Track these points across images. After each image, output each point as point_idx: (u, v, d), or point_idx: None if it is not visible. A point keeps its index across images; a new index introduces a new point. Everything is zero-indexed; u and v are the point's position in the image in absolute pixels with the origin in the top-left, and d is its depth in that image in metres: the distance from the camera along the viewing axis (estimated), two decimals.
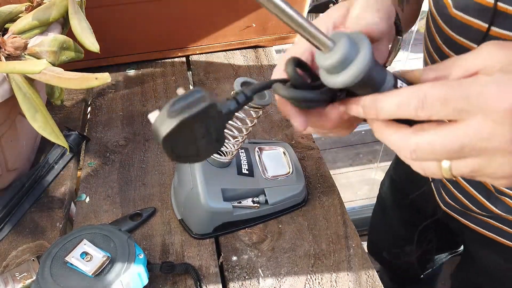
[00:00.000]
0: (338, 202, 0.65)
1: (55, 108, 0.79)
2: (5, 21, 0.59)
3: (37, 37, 0.57)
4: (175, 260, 0.58)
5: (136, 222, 0.61)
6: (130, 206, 0.64)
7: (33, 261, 0.55)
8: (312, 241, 0.60)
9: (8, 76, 0.51)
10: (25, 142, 0.64)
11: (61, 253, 0.49)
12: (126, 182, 0.68)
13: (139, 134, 0.76)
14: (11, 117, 0.57)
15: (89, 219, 0.63)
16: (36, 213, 0.63)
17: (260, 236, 0.60)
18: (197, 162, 0.40)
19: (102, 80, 0.50)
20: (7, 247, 0.59)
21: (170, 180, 0.68)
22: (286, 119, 0.32)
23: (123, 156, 0.72)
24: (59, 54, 0.57)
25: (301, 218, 0.63)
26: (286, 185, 0.62)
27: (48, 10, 0.58)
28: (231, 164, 0.60)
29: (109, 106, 0.81)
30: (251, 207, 0.60)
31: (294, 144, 0.73)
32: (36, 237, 0.60)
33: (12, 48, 0.52)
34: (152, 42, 0.89)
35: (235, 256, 0.58)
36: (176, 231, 0.61)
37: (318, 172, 0.69)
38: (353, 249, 0.59)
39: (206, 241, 0.60)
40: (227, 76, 0.88)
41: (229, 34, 0.91)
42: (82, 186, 0.67)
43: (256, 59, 0.92)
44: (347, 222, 0.62)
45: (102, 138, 0.75)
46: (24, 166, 0.67)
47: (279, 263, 0.57)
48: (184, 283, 0.55)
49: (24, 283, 0.53)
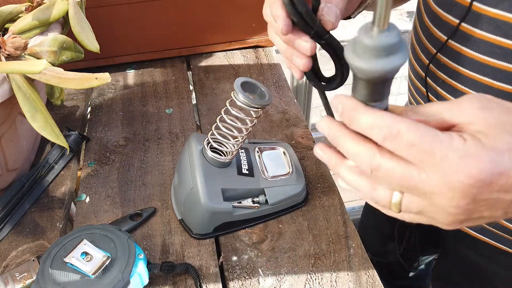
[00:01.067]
0: (338, 202, 0.65)
1: (55, 108, 0.80)
2: (5, 21, 0.59)
3: (37, 37, 0.57)
4: (175, 260, 0.58)
5: (136, 222, 0.61)
6: (130, 206, 0.64)
7: (33, 261, 0.55)
8: (312, 241, 0.60)
9: (8, 76, 0.51)
10: (25, 142, 0.64)
11: (61, 253, 0.49)
12: (126, 182, 0.68)
13: (139, 134, 0.76)
14: (11, 117, 0.57)
15: (89, 219, 0.63)
16: (36, 213, 0.63)
17: (260, 236, 0.60)
18: None
19: (102, 80, 0.50)
20: (7, 247, 0.59)
21: (170, 180, 0.68)
22: (272, 20, 0.37)
23: (123, 156, 0.72)
24: (59, 54, 0.57)
25: (301, 218, 0.63)
26: (286, 185, 0.62)
27: (48, 10, 0.58)
28: (231, 164, 0.60)
29: (109, 106, 0.81)
30: (251, 207, 0.60)
31: (294, 144, 0.73)
32: (36, 237, 0.60)
33: (12, 48, 0.52)
34: (152, 42, 0.89)
35: (235, 256, 0.58)
36: (176, 231, 0.61)
37: (318, 172, 0.69)
38: (353, 249, 0.59)
39: (206, 241, 0.60)
40: (227, 76, 0.88)
41: (229, 34, 0.91)
42: (82, 186, 0.67)
43: (256, 59, 0.92)
44: (347, 222, 0.62)
45: (102, 138, 0.75)
46: (24, 166, 0.67)
47: (279, 263, 0.57)
48: (184, 283, 0.55)
49: (24, 283, 0.53)
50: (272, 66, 0.90)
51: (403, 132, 0.28)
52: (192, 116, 0.79)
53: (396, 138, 0.29)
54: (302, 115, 0.79)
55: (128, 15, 0.83)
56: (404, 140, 0.28)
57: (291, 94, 0.83)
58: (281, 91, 0.84)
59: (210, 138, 0.59)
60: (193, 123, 0.78)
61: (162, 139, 0.75)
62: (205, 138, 0.59)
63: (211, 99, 0.83)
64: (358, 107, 0.30)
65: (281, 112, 0.79)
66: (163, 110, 0.80)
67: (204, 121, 0.79)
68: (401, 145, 0.29)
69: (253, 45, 0.94)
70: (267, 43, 0.94)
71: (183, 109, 0.80)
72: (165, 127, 0.77)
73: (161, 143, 0.74)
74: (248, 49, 0.94)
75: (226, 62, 0.91)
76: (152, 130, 0.76)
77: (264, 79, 0.87)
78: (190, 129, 0.77)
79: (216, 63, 0.91)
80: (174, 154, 0.72)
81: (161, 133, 0.76)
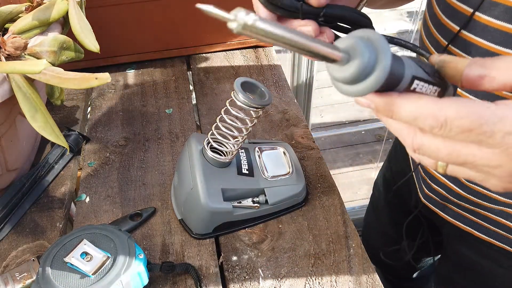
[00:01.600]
0: (338, 202, 0.65)
1: (55, 108, 0.80)
2: (5, 21, 0.59)
3: (37, 37, 0.57)
4: (175, 260, 0.58)
5: (136, 222, 0.61)
6: (130, 206, 0.64)
7: (33, 261, 0.55)
8: (312, 241, 0.60)
9: (8, 76, 0.51)
10: (25, 142, 0.64)
11: (61, 253, 0.49)
12: (126, 182, 0.68)
13: (139, 134, 0.76)
14: (11, 117, 0.57)
15: (89, 219, 0.63)
16: (36, 213, 0.63)
17: (260, 236, 0.60)
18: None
19: (102, 80, 0.50)
20: (7, 247, 0.59)
21: (170, 180, 0.68)
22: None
23: (123, 156, 0.72)
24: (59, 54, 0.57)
25: (301, 218, 0.63)
26: (286, 185, 0.62)
27: (48, 10, 0.58)
28: (231, 164, 0.60)
29: (109, 106, 0.81)
30: (251, 207, 0.60)
31: (294, 144, 0.73)
32: (36, 237, 0.60)
33: (12, 48, 0.52)
34: (152, 42, 0.89)
35: (235, 256, 0.58)
36: (176, 231, 0.61)
37: (318, 172, 0.69)
38: (353, 249, 0.59)
39: (206, 241, 0.60)
40: (227, 76, 0.88)
41: (229, 34, 0.91)
42: (82, 186, 0.67)
43: (256, 59, 0.92)
44: (347, 222, 0.62)
45: (102, 138, 0.75)
46: (24, 166, 0.67)
47: (279, 263, 0.57)
48: (184, 283, 0.55)
49: (24, 283, 0.53)
50: (272, 66, 0.90)
51: (452, 119, 0.26)
52: (192, 116, 0.79)
53: (445, 127, 0.27)
54: (302, 115, 0.79)
55: (128, 15, 0.83)
56: (455, 126, 0.26)
57: (291, 94, 0.83)
58: (281, 91, 0.84)
59: (210, 138, 0.59)
60: (193, 123, 0.78)
61: (162, 139, 0.75)
62: (205, 138, 0.60)
63: (211, 99, 0.83)
64: (391, 101, 0.28)
65: (281, 112, 0.79)
66: (163, 110, 0.80)
67: (204, 121, 0.79)
68: (452, 131, 0.27)
69: (253, 45, 0.94)
70: (267, 43, 0.94)
71: (183, 109, 0.80)
72: (165, 127, 0.77)
73: (161, 143, 0.74)
74: (248, 49, 0.94)
75: (226, 62, 0.91)
76: (152, 130, 0.76)
77: (264, 79, 0.87)
78: (190, 129, 0.77)
79: (216, 63, 0.91)
80: (174, 154, 0.72)
81: (161, 133, 0.76)
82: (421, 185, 0.70)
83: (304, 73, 1.20)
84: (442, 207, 0.68)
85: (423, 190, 0.70)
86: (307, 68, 1.19)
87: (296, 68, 1.19)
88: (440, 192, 0.65)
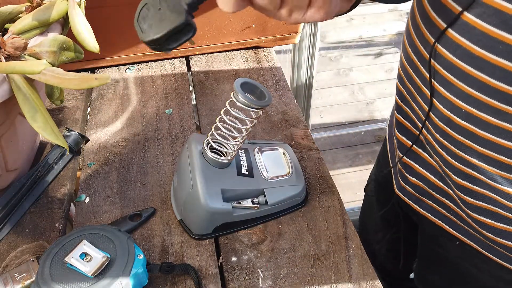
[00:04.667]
0: (337, 202, 0.65)
1: (55, 108, 0.80)
2: (5, 21, 0.59)
3: (37, 38, 0.57)
4: (174, 260, 0.58)
5: (136, 223, 0.61)
6: (130, 206, 0.64)
7: (33, 262, 0.55)
8: (312, 241, 0.60)
9: (8, 76, 0.51)
10: (25, 142, 0.64)
11: (61, 254, 0.49)
12: (125, 182, 0.68)
13: (139, 134, 0.76)
14: (11, 117, 0.57)
15: (89, 219, 0.63)
16: (35, 213, 0.63)
17: (260, 237, 0.60)
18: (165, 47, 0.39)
19: (102, 80, 0.50)
20: (7, 248, 0.59)
21: (170, 180, 0.68)
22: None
23: (123, 157, 0.72)
24: (59, 55, 0.57)
25: (300, 219, 0.63)
26: (285, 186, 0.62)
27: (48, 10, 0.58)
28: (231, 164, 0.60)
29: (109, 106, 0.81)
30: (250, 207, 0.60)
31: (294, 145, 0.73)
32: (36, 238, 0.60)
33: (12, 49, 0.52)
34: None
35: (235, 257, 0.58)
36: (176, 232, 0.61)
37: (318, 172, 0.69)
38: (352, 249, 0.59)
39: (206, 241, 0.60)
40: (227, 77, 0.88)
41: (229, 34, 0.91)
42: (81, 187, 0.67)
43: (256, 59, 0.92)
44: (347, 222, 0.62)
45: (102, 138, 0.75)
46: (24, 166, 0.67)
47: (279, 264, 0.57)
48: (184, 284, 0.55)
49: (23, 283, 0.53)
50: (272, 66, 0.90)
51: None
52: (191, 116, 0.79)
53: None
54: (301, 116, 0.79)
55: (128, 15, 0.83)
56: None
57: (290, 94, 0.83)
58: (280, 92, 0.84)
59: (210, 139, 0.59)
60: (192, 124, 0.78)
61: (162, 140, 0.75)
62: (205, 139, 0.60)
63: (210, 100, 0.83)
64: None
65: (280, 112, 0.79)
66: (162, 110, 0.80)
67: (203, 121, 0.79)
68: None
69: (252, 46, 0.94)
70: (267, 44, 0.94)
71: (183, 109, 0.80)
72: (165, 127, 0.77)
73: (160, 143, 0.74)
74: (248, 49, 0.94)
75: (225, 63, 0.91)
76: (152, 131, 0.76)
77: (264, 80, 0.87)
78: (189, 129, 0.77)
79: (215, 64, 0.91)
80: (173, 154, 0.72)
81: (160, 134, 0.76)
82: (397, 177, 0.71)
83: (304, 73, 1.20)
84: (416, 200, 0.68)
85: (399, 182, 0.70)
86: (307, 68, 1.19)
87: (296, 69, 1.19)
88: (416, 184, 0.66)
